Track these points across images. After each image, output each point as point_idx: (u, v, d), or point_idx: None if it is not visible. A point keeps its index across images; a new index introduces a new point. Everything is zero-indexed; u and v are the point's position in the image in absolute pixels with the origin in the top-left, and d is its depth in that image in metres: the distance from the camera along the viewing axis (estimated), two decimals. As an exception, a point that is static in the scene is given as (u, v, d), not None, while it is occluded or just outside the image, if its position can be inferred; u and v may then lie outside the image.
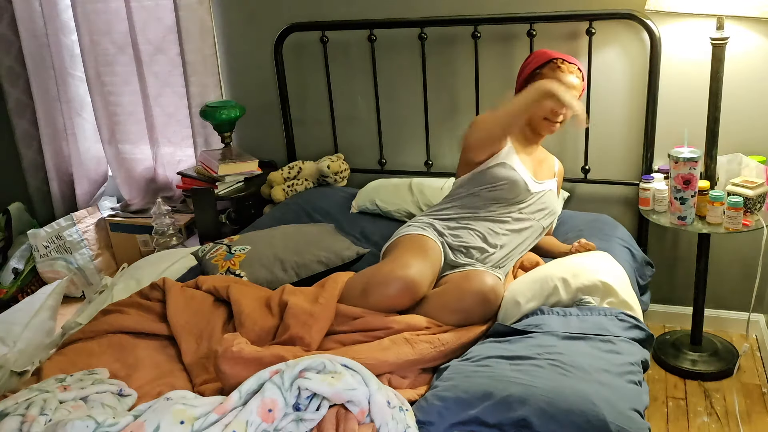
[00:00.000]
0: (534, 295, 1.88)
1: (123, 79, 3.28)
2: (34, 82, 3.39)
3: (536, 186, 2.23)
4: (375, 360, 1.65)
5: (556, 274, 1.91)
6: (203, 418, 1.32)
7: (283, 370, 1.41)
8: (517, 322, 1.85)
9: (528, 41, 2.58)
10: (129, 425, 1.32)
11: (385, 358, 1.67)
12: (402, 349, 1.70)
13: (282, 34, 2.90)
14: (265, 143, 3.17)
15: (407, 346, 1.71)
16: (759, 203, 2.26)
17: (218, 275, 2.15)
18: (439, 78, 2.80)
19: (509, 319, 1.87)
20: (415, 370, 1.74)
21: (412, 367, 1.72)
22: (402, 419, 1.43)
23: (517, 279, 2.00)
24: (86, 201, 3.54)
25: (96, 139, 3.45)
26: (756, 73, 2.42)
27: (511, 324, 1.83)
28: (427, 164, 2.91)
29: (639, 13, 2.39)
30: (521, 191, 2.16)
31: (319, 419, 1.40)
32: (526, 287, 1.91)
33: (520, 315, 1.87)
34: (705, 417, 2.30)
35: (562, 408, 1.41)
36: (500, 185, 2.15)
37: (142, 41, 3.14)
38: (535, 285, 1.90)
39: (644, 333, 1.76)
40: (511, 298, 1.90)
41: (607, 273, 1.92)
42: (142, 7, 3.09)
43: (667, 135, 2.54)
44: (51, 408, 1.44)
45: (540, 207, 2.22)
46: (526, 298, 1.88)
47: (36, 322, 2.25)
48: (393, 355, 1.68)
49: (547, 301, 1.87)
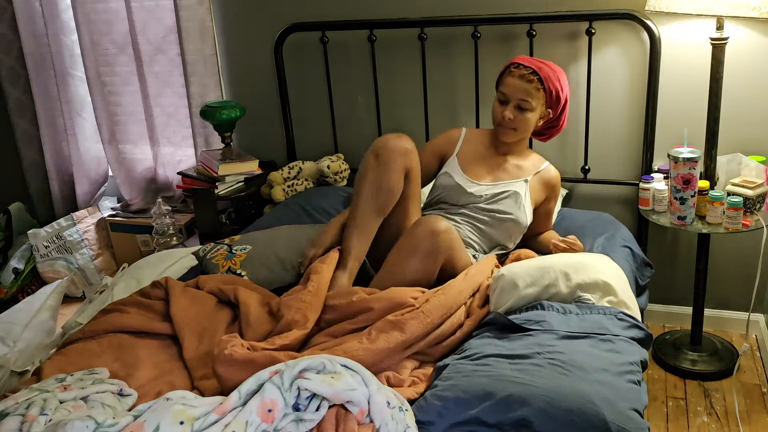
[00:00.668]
0: (533, 281, 1.87)
1: (123, 79, 3.28)
2: (34, 82, 3.39)
3: (480, 189, 2.29)
4: (368, 351, 1.66)
5: (557, 266, 1.90)
6: (203, 419, 1.32)
7: (283, 371, 1.41)
8: (514, 311, 1.85)
9: (528, 41, 2.58)
10: (129, 425, 1.32)
11: (377, 347, 1.68)
12: (392, 335, 1.71)
13: (282, 34, 2.90)
14: (265, 143, 3.17)
15: (396, 330, 1.72)
16: (759, 203, 2.26)
17: (220, 274, 2.16)
18: (439, 78, 2.80)
19: (505, 301, 1.86)
20: (408, 354, 1.76)
21: (404, 348, 1.73)
22: (402, 419, 1.43)
23: (518, 263, 2.00)
24: (86, 201, 3.54)
25: (96, 139, 3.45)
26: (756, 73, 2.42)
27: (508, 314, 1.83)
28: (427, 164, 2.91)
29: (639, 13, 2.39)
30: (460, 195, 2.30)
31: (319, 419, 1.40)
32: (526, 272, 1.90)
33: (516, 298, 1.86)
34: (705, 417, 2.30)
35: (562, 407, 1.41)
36: (441, 193, 2.34)
37: (142, 41, 3.14)
38: (536, 272, 1.89)
39: (643, 332, 1.76)
40: (510, 279, 1.89)
41: (608, 273, 1.92)
42: (142, 7, 3.09)
43: (667, 135, 2.54)
44: (51, 408, 1.44)
45: (488, 207, 2.27)
46: (525, 283, 1.87)
47: (36, 322, 2.25)
48: (383, 342, 1.70)
49: (546, 291, 1.86)
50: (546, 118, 2.28)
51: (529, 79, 2.19)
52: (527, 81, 2.19)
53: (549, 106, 2.25)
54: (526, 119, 2.23)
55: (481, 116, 2.76)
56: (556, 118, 2.31)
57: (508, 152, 2.36)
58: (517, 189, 2.29)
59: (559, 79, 2.24)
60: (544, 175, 2.36)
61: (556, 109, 2.27)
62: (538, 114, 2.25)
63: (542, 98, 2.22)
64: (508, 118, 2.22)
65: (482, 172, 2.34)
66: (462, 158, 2.37)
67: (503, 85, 2.25)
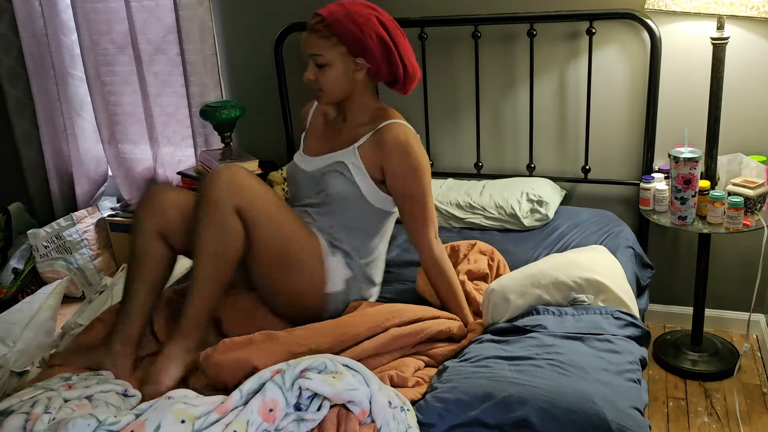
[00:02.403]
0: (524, 292, 1.85)
1: (123, 79, 3.28)
2: (34, 82, 3.38)
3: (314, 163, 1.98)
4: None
5: (547, 272, 1.88)
6: (204, 418, 1.32)
7: (284, 370, 1.41)
8: (510, 320, 1.84)
9: (528, 41, 2.58)
10: (130, 424, 1.32)
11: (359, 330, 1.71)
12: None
13: (282, 34, 2.90)
14: (265, 143, 3.17)
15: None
16: (759, 203, 2.26)
17: None
18: (439, 78, 2.80)
19: (499, 316, 1.85)
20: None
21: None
22: (403, 419, 1.43)
23: (507, 275, 1.97)
24: (86, 201, 3.53)
25: (96, 139, 3.45)
26: (756, 73, 2.42)
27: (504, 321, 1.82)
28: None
29: (639, 12, 2.39)
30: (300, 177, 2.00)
31: (320, 419, 1.40)
32: (516, 284, 1.88)
33: (510, 312, 1.85)
34: (705, 417, 2.29)
35: (562, 407, 1.41)
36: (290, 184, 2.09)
37: (142, 41, 3.13)
38: (526, 281, 1.87)
39: (640, 330, 1.75)
40: (500, 294, 1.86)
41: (599, 270, 1.89)
42: (142, 7, 3.09)
43: (668, 135, 2.54)
44: (55, 406, 1.45)
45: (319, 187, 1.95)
46: (516, 294, 1.85)
47: (36, 322, 2.25)
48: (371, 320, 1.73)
49: (539, 299, 1.85)
50: (363, 68, 1.87)
51: (315, 29, 1.84)
52: (314, 32, 1.84)
53: (355, 54, 1.84)
54: (326, 77, 1.87)
55: (482, 116, 2.76)
56: (385, 64, 1.87)
57: (348, 114, 1.98)
58: (342, 158, 1.92)
59: (355, 19, 1.81)
60: (377, 136, 1.90)
61: (368, 55, 1.84)
62: (341, 67, 1.86)
63: (339, 47, 1.83)
64: (307, 79, 1.89)
65: (319, 146, 2.01)
66: (309, 134, 2.08)
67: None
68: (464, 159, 2.87)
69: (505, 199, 2.51)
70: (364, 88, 1.93)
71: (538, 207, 2.48)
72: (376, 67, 1.87)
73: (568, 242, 2.35)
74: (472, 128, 2.81)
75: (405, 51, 1.89)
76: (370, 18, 1.82)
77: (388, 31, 1.85)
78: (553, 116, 2.70)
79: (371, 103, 1.98)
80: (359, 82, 1.90)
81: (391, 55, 1.86)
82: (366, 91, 1.95)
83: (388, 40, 1.84)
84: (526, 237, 2.43)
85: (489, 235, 2.45)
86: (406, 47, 1.90)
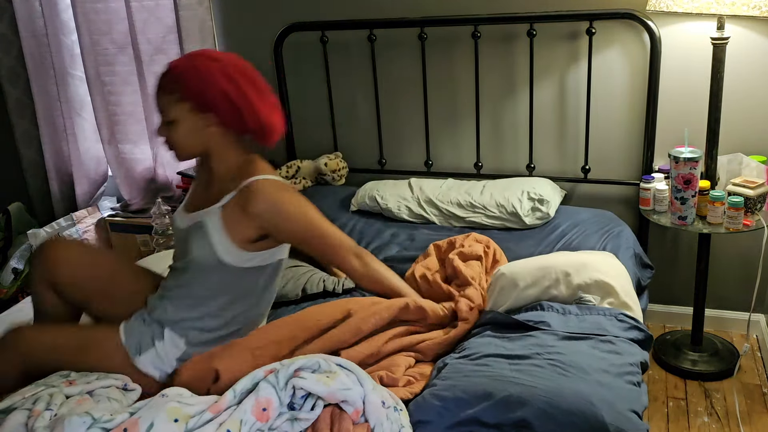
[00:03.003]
0: (534, 282, 1.87)
1: (123, 79, 3.28)
2: (34, 82, 3.38)
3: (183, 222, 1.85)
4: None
5: (559, 267, 1.90)
6: (197, 417, 1.32)
7: (278, 370, 1.41)
8: (514, 312, 1.84)
9: (528, 41, 2.57)
10: (124, 422, 1.32)
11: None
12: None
13: (282, 34, 2.90)
14: (265, 143, 3.17)
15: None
16: (759, 203, 2.25)
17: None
18: (439, 78, 2.79)
19: (505, 300, 1.86)
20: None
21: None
22: (396, 419, 1.43)
23: (519, 262, 1.98)
24: (86, 201, 3.54)
25: (96, 139, 3.45)
26: (756, 73, 2.41)
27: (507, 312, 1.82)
28: (427, 164, 2.90)
29: (639, 12, 2.38)
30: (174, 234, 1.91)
31: (314, 419, 1.40)
32: (527, 272, 1.89)
33: (516, 298, 1.85)
34: (705, 417, 2.29)
35: (561, 408, 1.41)
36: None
37: (142, 41, 3.13)
38: (538, 272, 1.89)
39: (643, 334, 1.75)
40: (510, 278, 1.88)
41: (610, 273, 1.91)
42: (142, 7, 3.09)
43: (668, 135, 2.53)
44: (56, 403, 1.46)
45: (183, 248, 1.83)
46: (526, 283, 1.87)
47: (35, 321, 2.25)
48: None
49: (546, 292, 1.86)
50: (215, 123, 1.74)
51: (160, 85, 1.72)
52: (160, 87, 1.72)
53: (202, 110, 1.71)
54: (175, 134, 1.73)
55: (481, 116, 2.76)
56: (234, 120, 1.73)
57: (213, 170, 1.83)
58: (204, 218, 1.77)
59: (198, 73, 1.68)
60: (240, 198, 1.74)
61: (214, 110, 1.71)
62: (189, 124, 1.72)
63: (184, 104, 1.70)
64: (159, 137, 1.77)
65: (193, 202, 1.87)
66: (192, 188, 1.94)
67: None
68: (464, 159, 2.86)
69: (506, 198, 2.51)
70: (224, 141, 1.78)
71: (539, 205, 2.47)
72: (224, 122, 1.74)
73: (569, 241, 2.34)
74: (471, 128, 2.80)
75: (258, 105, 1.74)
76: (213, 72, 1.68)
77: (238, 85, 1.71)
78: (552, 116, 2.70)
79: (234, 158, 1.81)
80: (215, 136, 1.76)
81: (239, 111, 1.72)
82: (227, 145, 1.79)
83: (233, 96, 1.70)
84: (527, 235, 2.43)
85: (490, 233, 2.44)
86: (261, 100, 1.76)
